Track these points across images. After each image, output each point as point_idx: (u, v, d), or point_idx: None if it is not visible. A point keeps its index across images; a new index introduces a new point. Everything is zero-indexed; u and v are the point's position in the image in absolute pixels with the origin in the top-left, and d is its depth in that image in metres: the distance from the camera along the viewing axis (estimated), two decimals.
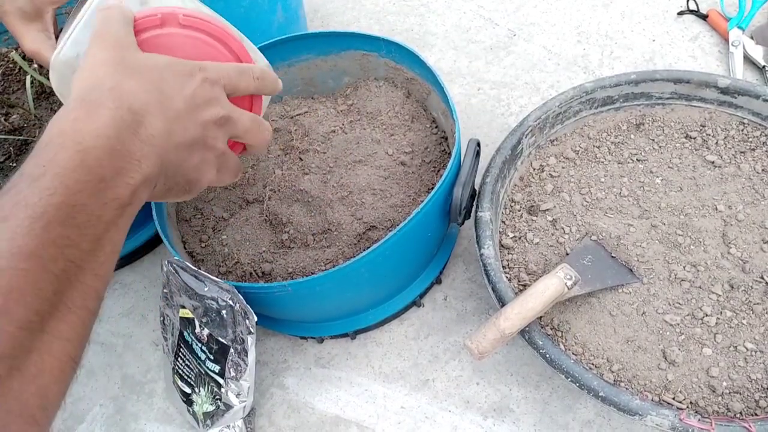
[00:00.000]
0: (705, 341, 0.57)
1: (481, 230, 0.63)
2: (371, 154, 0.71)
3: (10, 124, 0.76)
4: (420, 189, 0.68)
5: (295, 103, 0.79)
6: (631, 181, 0.69)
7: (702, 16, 0.93)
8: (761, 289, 0.59)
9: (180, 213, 0.72)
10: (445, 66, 0.95)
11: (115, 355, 0.76)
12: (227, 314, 0.58)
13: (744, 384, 0.54)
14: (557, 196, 0.69)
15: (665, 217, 0.65)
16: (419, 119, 0.74)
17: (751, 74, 0.85)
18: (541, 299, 0.54)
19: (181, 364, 0.66)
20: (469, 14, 1.02)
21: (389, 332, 0.71)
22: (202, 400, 0.65)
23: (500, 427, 0.63)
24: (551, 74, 0.91)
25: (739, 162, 0.68)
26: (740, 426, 0.50)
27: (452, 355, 0.69)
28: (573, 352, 0.58)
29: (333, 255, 0.64)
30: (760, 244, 0.62)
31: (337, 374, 0.70)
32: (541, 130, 0.72)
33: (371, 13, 1.06)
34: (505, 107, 0.89)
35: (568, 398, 0.64)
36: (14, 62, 0.82)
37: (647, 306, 0.60)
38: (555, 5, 1.00)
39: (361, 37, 0.73)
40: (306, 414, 0.67)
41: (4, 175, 0.73)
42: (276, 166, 0.73)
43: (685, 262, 0.62)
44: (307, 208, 0.68)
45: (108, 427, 0.71)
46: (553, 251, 0.65)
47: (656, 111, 0.74)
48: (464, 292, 0.73)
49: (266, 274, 0.65)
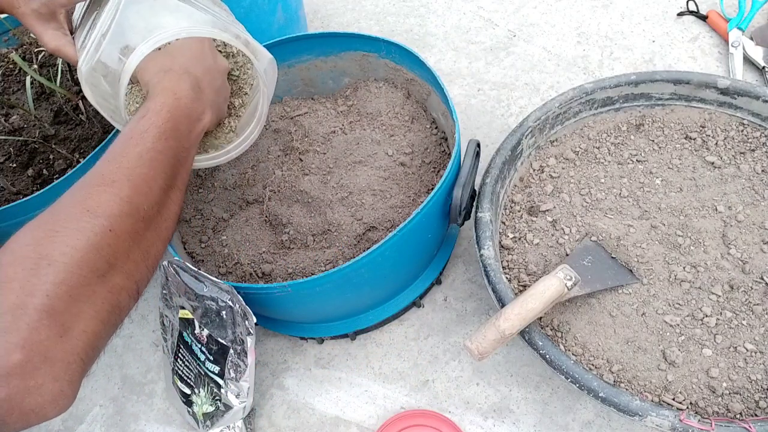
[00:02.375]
0: (705, 342, 0.57)
1: (480, 231, 0.63)
2: (371, 154, 0.71)
3: (10, 125, 0.76)
4: (420, 190, 0.68)
5: (295, 104, 0.79)
6: (630, 181, 0.69)
7: (702, 17, 0.93)
8: (761, 290, 0.59)
9: (180, 213, 0.72)
10: (445, 67, 0.95)
11: (115, 356, 0.76)
12: (227, 315, 0.58)
13: (744, 385, 0.54)
14: (557, 196, 0.69)
15: (665, 217, 0.65)
16: (419, 120, 0.74)
17: (750, 75, 0.85)
18: (541, 300, 0.54)
19: (181, 365, 0.66)
20: (469, 15, 1.02)
21: (389, 333, 0.71)
22: (201, 400, 0.64)
23: (500, 427, 0.63)
24: (551, 75, 0.91)
25: (739, 163, 0.68)
26: (740, 427, 0.50)
27: (452, 355, 0.69)
28: (573, 353, 0.58)
29: (333, 256, 0.64)
30: (760, 245, 0.62)
31: (337, 375, 0.70)
32: (541, 130, 0.72)
33: (371, 14, 1.06)
34: (505, 108, 0.89)
35: (568, 399, 0.64)
36: (14, 63, 0.82)
37: (647, 307, 0.60)
38: (555, 6, 1.00)
39: (361, 38, 0.73)
40: (306, 414, 0.67)
41: (4, 175, 0.73)
42: (276, 166, 0.73)
43: (685, 262, 0.62)
44: (307, 208, 0.68)
45: (108, 427, 0.71)
46: (553, 252, 0.65)
47: (656, 112, 0.74)
48: (464, 292, 0.73)
49: (266, 275, 0.65)
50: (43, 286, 0.36)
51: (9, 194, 0.71)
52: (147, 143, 0.46)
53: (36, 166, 0.74)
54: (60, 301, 0.37)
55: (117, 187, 0.42)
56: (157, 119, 0.47)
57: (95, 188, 0.42)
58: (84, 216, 0.40)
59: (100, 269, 0.40)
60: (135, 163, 0.44)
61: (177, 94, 0.50)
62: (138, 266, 0.44)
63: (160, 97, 0.49)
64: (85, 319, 0.38)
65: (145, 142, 0.46)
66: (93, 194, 0.42)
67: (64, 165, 0.73)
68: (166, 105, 0.49)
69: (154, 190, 0.45)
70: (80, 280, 0.38)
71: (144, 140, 0.46)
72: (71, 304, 0.37)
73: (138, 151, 0.45)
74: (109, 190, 0.42)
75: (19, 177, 0.73)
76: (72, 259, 0.38)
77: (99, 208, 0.41)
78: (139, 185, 0.44)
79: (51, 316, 0.36)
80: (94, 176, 0.44)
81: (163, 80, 0.51)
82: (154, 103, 0.48)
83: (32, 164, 0.74)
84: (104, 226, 0.40)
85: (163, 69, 0.52)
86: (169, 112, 0.48)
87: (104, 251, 0.40)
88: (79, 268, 0.38)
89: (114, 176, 0.43)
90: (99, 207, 0.41)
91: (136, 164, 0.44)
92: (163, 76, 0.51)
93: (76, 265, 0.38)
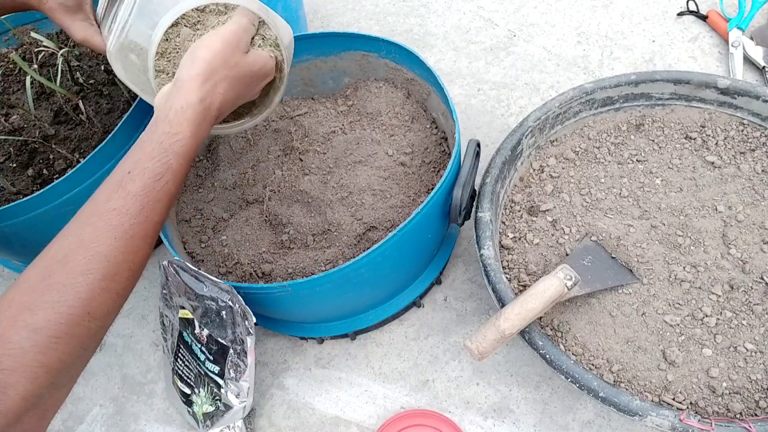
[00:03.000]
0: (705, 342, 0.57)
1: (481, 231, 0.63)
2: (371, 154, 0.71)
3: (10, 125, 0.76)
4: (420, 189, 0.68)
5: (295, 104, 0.79)
6: (631, 181, 0.69)
7: (702, 17, 0.93)
8: (761, 290, 0.59)
9: (180, 213, 0.72)
10: (445, 67, 0.95)
11: (115, 356, 0.76)
12: (227, 315, 0.58)
13: (744, 384, 0.54)
14: (557, 196, 0.69)
15: (665, 217, 0.65)
16: (419, 120, 0.74)
17: (750, 75, 0.85)
18: (541, 300, 0.54)
19: (181, 365, 0.66)
20: (469, 15, 1.02)
21: (389, 333, 0.71)
22: (201, 400, 0.65)
23: (500, 427, 0.63)
24: (551, 75, 0.91)
25: (739, 162, 0.68)
26: (740, 426, 0.50)
27: (452, 355, 0.69)
28: (573, 353, 0.58)
29: (333, 255, 0.64)
30: (760, 245, 0.62)
31: (337, 375, 0.70)
32: (541, 130, 0.72)
33: (371, 13, 1.06)
34: (505, 108, 0.89)
35: (568, 399, 0.64)
36: (14, 63, 0.82)
37: (647, 306, 0.60)
38: (555, 6, 1.00)
39: (361, 38, 0.73)
40: (306, 414, 0.67)
41: (4, 175, 0.73)
42: (276, 166, 0.73)
43: (685, 262, 0.62)
44: (307, 208, 0.68)
45: (108, 427, 0.71)
46: (553, 252, 0.65)
47: (656, 112, 0.74)
48: (464, 292, 0.73)
49: (266, 275, 0.65)
50: (39, 390, 0.37)
51: (9, 194, 0.71)
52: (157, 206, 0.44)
53: (36, 166, 0.74)
54: (49, 398, 0.39)
55: (118, 283, 0.42)
56: (176, 163, 0.45)
57: (98, 285, 0.40)
58: (84, 320, 0.40)
59: (85, 360, 0.42)
60: (141, 244, 0.43)
61: (198, 134, 0.46)
62: (110, 318, 0.44)
63: (183, 131, 0.45)
64: (65, 396, 0.41)
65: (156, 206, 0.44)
66: (96, 295, 0.40)
67: (64, 165, 0.73)
68: (186, 147, 0.45)
69: (143, 262, 0.44)
70: (67, 376, 0.40)
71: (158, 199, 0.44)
72: (56, 397, 0.40)
73: (154, 221, 0.43)
74: (112, 287, 0.41)
75: (19, 177, 0.73)
76: (66, 364, 0.39)
77: (98, 311, 0.41)
78: (136, 270, 0.43)
79: (39, 411, 0.38)
80: (96, 258, 0.41)
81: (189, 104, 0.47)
82: (179, 144, 0.45)
83: (32, 164, 0.74)
84: (99, 327, 0.41)
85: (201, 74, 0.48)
86: (185, 156, 0.45)
87: (92, 347, 0.41)
88: (68, 369, 0.39)
89: (117, 264, 0.41)
90: (99, 310, 0.41)
91: (141, 245, 0.43)
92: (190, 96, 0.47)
93: (67, 367, 0.39)
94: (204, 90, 0.47)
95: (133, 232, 0.42)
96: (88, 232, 0.41)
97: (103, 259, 0.41)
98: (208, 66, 0.48)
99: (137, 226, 0.42)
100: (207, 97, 0.47)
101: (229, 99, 0.50)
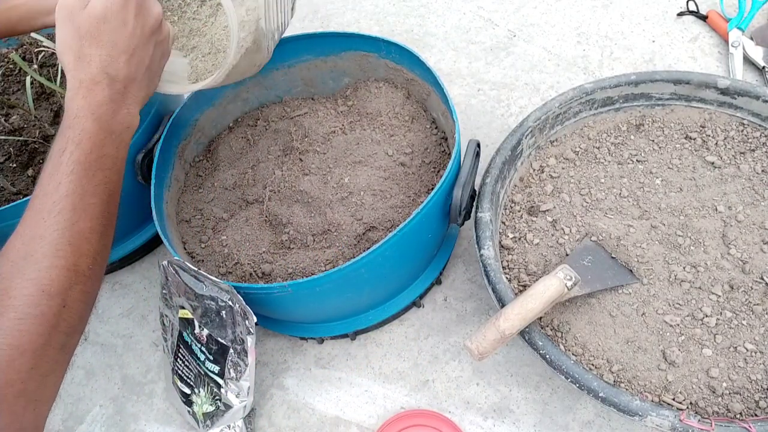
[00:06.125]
0: (705, 342, 0.57)
1: (481, 231, 0.63)
2: (371, 154, 0.71)
3: (10, 125, 0.76)
4: (420, 190, 0.68)
5: (295, 104, 0.80)
6: (630, 181, 0.69)
7: (702, 17, 0.93)
8: (761, 290, 0.59)
9: (180, 213, 0.72)
10: (445, 67, 0.95)
11: (115, 356, 0.76)
12: (227, 315, 0.58)
13: (744, 385, 0.54)
14: (557, 196, 0.69)
15: (665, 217, 0.65)
16: (419, 120, 0.74)
17: (750, 75, 0.85)
18: (541, 300, 0.54)
19: (181, 365, 0.66)
20: (469, 15, 1.02)
21: (389, 333, 0.71)
22: (201, 400, 0.65)
23: (500, 427, 0.63)
24: (551, 75, 0.91)
25: (739, 163, 0.68)
26: (740, 427, 0.50)
27: (452, 355, 0.69)
28: (573, 353, 0.58)
29: (333, 256, 0.64)
30: (760, 245, 0.62)
31: (337, 375, 0.70)
32: (541, 130, 0.72)
33: (371, 14, 1.06)
34: (505, 108, 0.89)
35: (568, 399, 0.64)
36: (14, 63, 0.82)
37: (647, 307, 0.60)
38: (555, 6, 1.00)
39: (361, 38, 0.73)
40: (306, 414, 0.67)
41: (4, 175, 0.73)
42: (276, 166, 0.73)
43: (685, 262, 0.62)
44: (307, 208, 0.68)
45: (108, 427, 0.71)
46: (553, 252, 0.65)
47: (656, 112, 0.74)
48: (464, 292, 0.73)
49: (266, 275, 0.65)
50: (18, 375, 0.39)
51: (9, 194, 0.71)
52: (77, 188, 0.43)
53: (36, 166, 0.74)
54: (33, 383, 0.40)
55: (63, 257, 0.42)
56: (80, 155, 0.44)
57: (43, 260, 0.41)
58: (42, 299, 0.41)
59: (61, 342, 0.42)
60: (70, 217, 0.43)
61: (95, 112, 0.45)
62: (86, 312, 0.45)
63: (77, 123, 0.45)
64: (53, 386, 0.43)
65: (75, 186, 0.43)
66: (44, 271, 0.41)
67: None
68: (86, 132, 0.44)
69: (93, 243, 0.44)
70: (47, 360, 0.41)
71: (72, 184, 0.43)
72: (41, 383, 0.41)
73: (72, 202, 0.43)
74: (57, 263, 0.42)
75: (19, 177, 0.73)
76: (38, 345, 0.40)
77: (53, 286, 0.41)
78: (80, 246, 0.43)
79: (27, 399, 0.40)
80: (33, 239, 0.42)
81: (75, 85, 0.45)
82: (73, 132, 0.44)
83: (32, 164, 0.74)
84: (59, 304, 0.42)
85: (75, 55, 0.46)
86: (90, 140, 0.44)
87: (62, 327, 0.42)
88: (44, 350, 0.41)
89: (56, 241, 0.42)
90: (53, 286, 0.41)
91: (72, 219, 0.43)
92: (76, 74, 0.46)
93: (42, 348, 0.41)
94: (78, 68, 0.46)
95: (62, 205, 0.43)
96: (27, 216, 0.43)
97: (39, 240, 0.42)
98: (70, 41, 0.46)
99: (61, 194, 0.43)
100: (80, 71, 0.46)
101: (104, 56, 0.46)
